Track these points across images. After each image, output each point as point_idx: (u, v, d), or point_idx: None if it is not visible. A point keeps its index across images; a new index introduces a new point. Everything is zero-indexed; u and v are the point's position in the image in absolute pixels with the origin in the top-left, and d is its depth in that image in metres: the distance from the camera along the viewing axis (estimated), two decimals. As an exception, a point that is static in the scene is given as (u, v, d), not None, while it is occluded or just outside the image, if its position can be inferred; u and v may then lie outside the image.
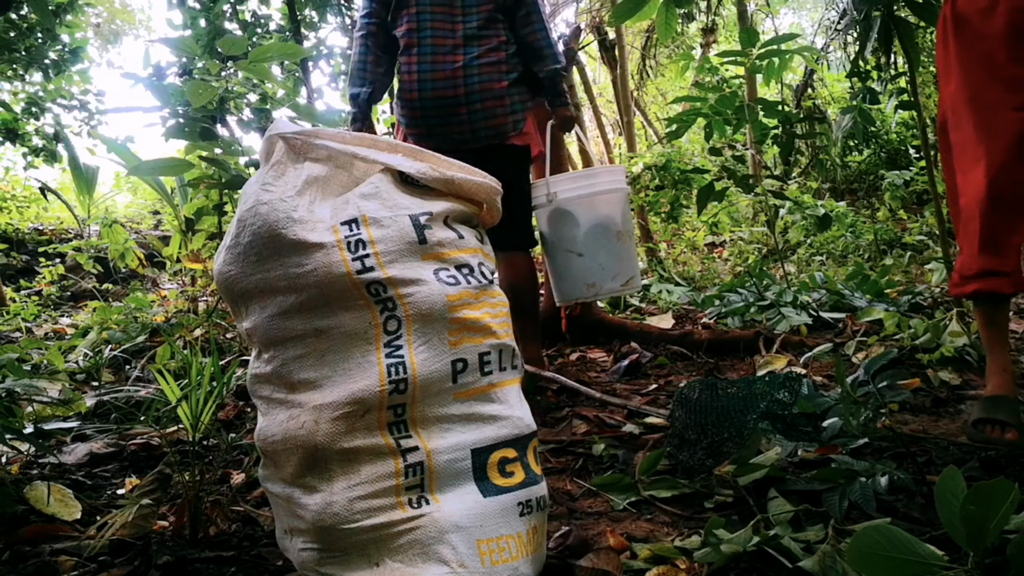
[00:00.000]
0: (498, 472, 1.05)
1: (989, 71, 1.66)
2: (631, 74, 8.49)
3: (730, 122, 3.69)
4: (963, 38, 1.71)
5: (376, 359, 1.01)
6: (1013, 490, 0.88)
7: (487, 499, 1.02)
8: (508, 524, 1.02)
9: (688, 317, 3.81)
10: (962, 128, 1.72)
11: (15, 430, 1.53)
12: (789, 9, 13.34)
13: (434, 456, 1.01)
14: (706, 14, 8.25)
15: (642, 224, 6.02)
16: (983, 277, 1.70)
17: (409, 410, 1.02)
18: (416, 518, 0.99)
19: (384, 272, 1.03)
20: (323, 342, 1.04)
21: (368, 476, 1.00)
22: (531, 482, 1.07)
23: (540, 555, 1.08)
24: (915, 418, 1.94)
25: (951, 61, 1.74)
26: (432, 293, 1.05)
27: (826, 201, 5.51)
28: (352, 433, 1.00)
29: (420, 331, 1.04)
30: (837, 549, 1.05)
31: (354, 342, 1.03)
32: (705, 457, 1.53)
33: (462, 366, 1.06)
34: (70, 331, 4.12)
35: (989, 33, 1.65)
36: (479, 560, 0.98)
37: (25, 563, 1.27)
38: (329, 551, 1.00)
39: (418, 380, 1.01)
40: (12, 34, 4.65)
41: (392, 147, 1.16)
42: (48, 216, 7.97)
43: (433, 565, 0.96)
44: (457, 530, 0.98)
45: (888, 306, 3.08)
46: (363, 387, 1.00)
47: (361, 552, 0.99)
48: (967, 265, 1.74)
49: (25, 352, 2.91)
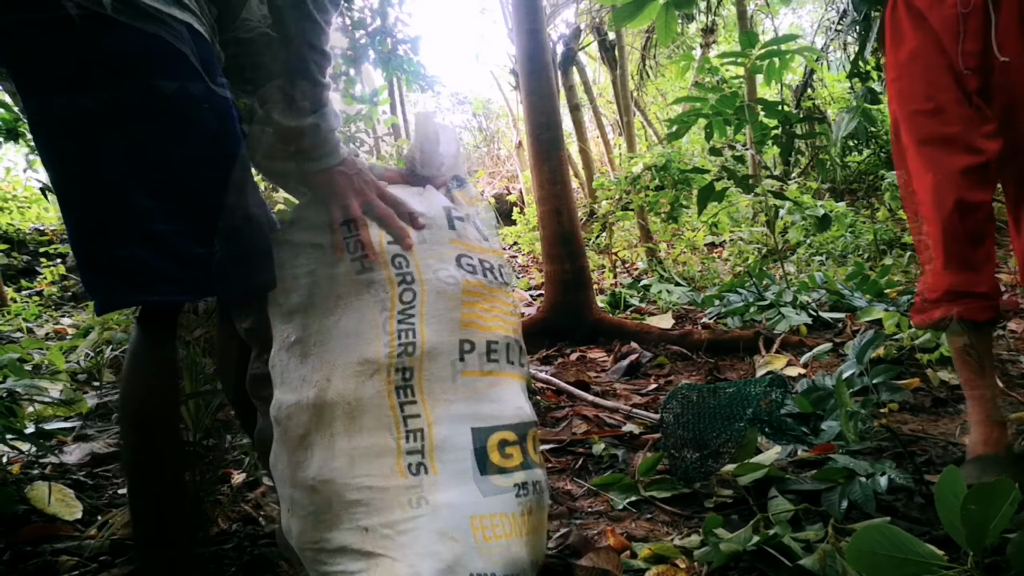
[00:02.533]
0: (497, 452, 1.07)
1: (939, 69, 1.42)
2: (631, 74, 8.50)
3: (730, 122, 3.69)
4: (913, 32, 1.46)
5: (390, 326, 1.06)
6: (1013, 490, 0.88)
7: (483, 476, 1.04)
8: (503, 503, 1.04)
9: (688, 317, 3.81)
10: (915, 129, 1.47)
11: (16, 430, 1.54)
12: (789, 9, 13.35)
13: (435, 427, 1.04)
14: (706, 14, 8.26)
15: (642, 224, 6.02)
16: (952, 300, 1.40)
17: (416, 375, 1.05)
18: (413, 487, 1.00)
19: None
20: (341, 308, 1.09)
21: (371, 436, 1.02)
22: (528, 466, 1.08)
23: (537, 541, 1.08)
24: (915, 418, 1.94)
25: (901, 57, 1.50)
26: (450, 275, 1.10)
27: (826, 201, 5.51)
28: (360, 392, 1.03)
29: (432, 305, 1.08)
30: (837, 548, 1.06)
31: (371, 309, 1.08)
32: (703, 462, 1.53)
33: (469, 347, 1.09)
34: (71, 331, 4.12)
35: (939, 26, 1.41)
36: (471, 535, 0.99)
37: (26, 563, 1.27)
38: (322, 512, 1.02)
39: (426, 347, 1.05)
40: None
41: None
42: (49, 216, 7.97)
43: (424, 535, 0.97)
44: (451, 504, 1.00)
45: (888, 306, 3.08)
46: (374, 348, 1.04)
47: (351, 516, 1.00)
48: (932, 285, 1.43)
49: (26, 352, 2.92)
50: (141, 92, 0.87)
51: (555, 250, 3.58)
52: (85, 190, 0.88)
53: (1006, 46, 1.34)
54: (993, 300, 1.39)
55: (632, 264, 6.71)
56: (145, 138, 0.88)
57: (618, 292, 4.49)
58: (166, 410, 0.98)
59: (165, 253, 0.90)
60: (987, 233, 1.40)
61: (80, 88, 0.85)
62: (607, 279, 6.03)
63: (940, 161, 1.41)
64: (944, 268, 1.40)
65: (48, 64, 0.85)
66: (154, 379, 0.96)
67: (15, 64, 0.88)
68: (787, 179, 6.32)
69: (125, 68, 0.86)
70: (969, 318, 1.39)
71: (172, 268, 0.90)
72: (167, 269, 0.90)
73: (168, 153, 0.90)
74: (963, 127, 1.39)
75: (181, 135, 0.91)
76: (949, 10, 1.38)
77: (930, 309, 1.43)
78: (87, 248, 0.91)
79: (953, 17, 1.38)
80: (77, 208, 0.89)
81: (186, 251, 0.91)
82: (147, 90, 0.87)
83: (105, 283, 0.91)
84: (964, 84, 1.39)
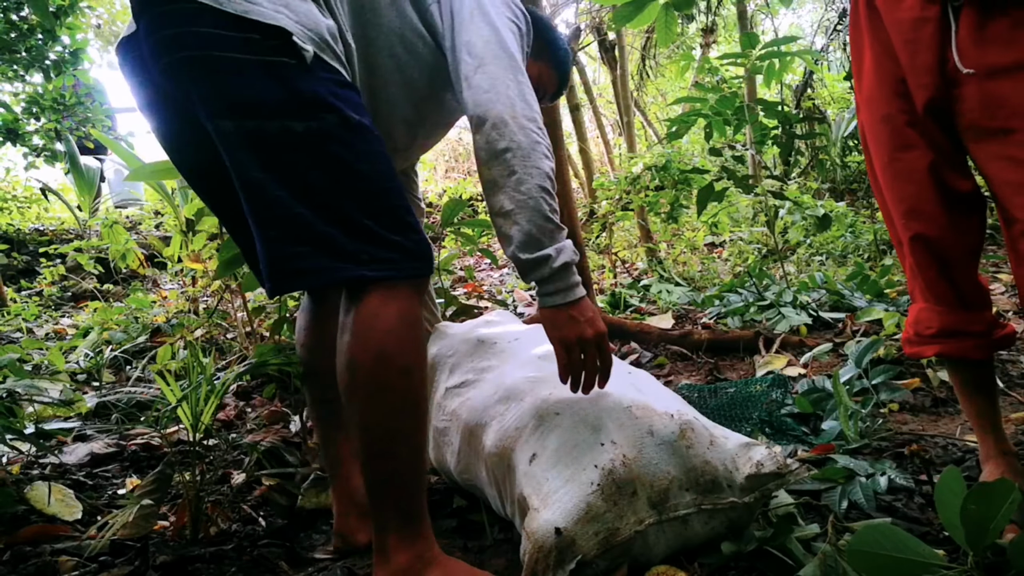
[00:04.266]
0: None
1: (893, 80, 1.24)
2: (631, 74, 8.50)
3: (730, 122, 3.69)
4: (872, 36, 1.28)
5: None
6: (1013, 490, 0.88)
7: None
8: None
9: (688, 317, 3.81)
10: (878, 144, 1.31)
11: (16, 430, 1.54)
12: (789, 9, 13.34)
13: None
14: (706, 15, 8.26)
15: (642, 224, 6.02)
16: (946, 338, 1.30)
17: None
18: None
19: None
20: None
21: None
22: None
23: None
24: (915, 418, 1.94)
25: (864, 63, 1.32)
26: None
27: (826, 201, 5.51)
28: None
29: None
30: (837, 548, 1.06)
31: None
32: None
33: None
34: (71, 331, 4.12)
35: (893, 31, 1.23)
36: None
37: (26, 563, 1.27)
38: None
39: None
40: (13, 35, 4.65)
41: None
42: (49, 217, 7.97)
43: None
44: None
45: (888, 306, 3.08)
46: None
47: None
48: (923, 320, 1.32)
49: (26, 352, 2.92)
50: (337, 121, 1.09)
51: (555, 250, 3.56)
52: (293, 193, 1.07)
53: (967, 59, 1.13)
54: (988, 337, 1.28)
55: (632, 264, 6.71)
56: (342, 155, 1.09)
57: (618, 292, 4.49)
58: (423, 356, 1.18)
59: (367, 240, 1.10)
60: (964, 264, 1.26)
61: (291, 116, 1.06)
62: (607, 279, 6.03)
63: (901, 188, 1.26)
64: (937, 302, 1.29)
65: (262, 95, 1.05)
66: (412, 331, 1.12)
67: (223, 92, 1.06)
68: (787, 179, 6.32)
69: (322, 103, 1.08)
70: (965, 356, 1.30)
71: (372, 250, 1.09)
72: (371, 251, 1.10)
73: (359, 164, 1.11)
74: (921, 151, 1.22)
75: (366, 151, 1.12)
76: (905, 13, 1.20)
77: (923, 344, 1.33)
78: (292, 235, 1.07)
79: (908, 22, 1.19)
80: (282, 208, 1.07)
81: (384, 237, 1.11)
82: (342, 120, 1.09)
83: (314, 263, 1.07)
84: (914, 100, 1.21)
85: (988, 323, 1.28)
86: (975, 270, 1.28)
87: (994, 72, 1.10)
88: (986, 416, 1.33)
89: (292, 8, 1.11)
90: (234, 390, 2.44)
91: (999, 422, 1.34)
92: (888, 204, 1.32)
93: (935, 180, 1.22)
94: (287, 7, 1.10)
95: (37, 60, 4.89)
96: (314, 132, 1.07)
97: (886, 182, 1.30)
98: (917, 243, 1.26)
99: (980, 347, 1.28)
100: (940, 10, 1.15)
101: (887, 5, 1.23)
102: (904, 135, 1.24)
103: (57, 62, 4.99)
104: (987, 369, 1.34)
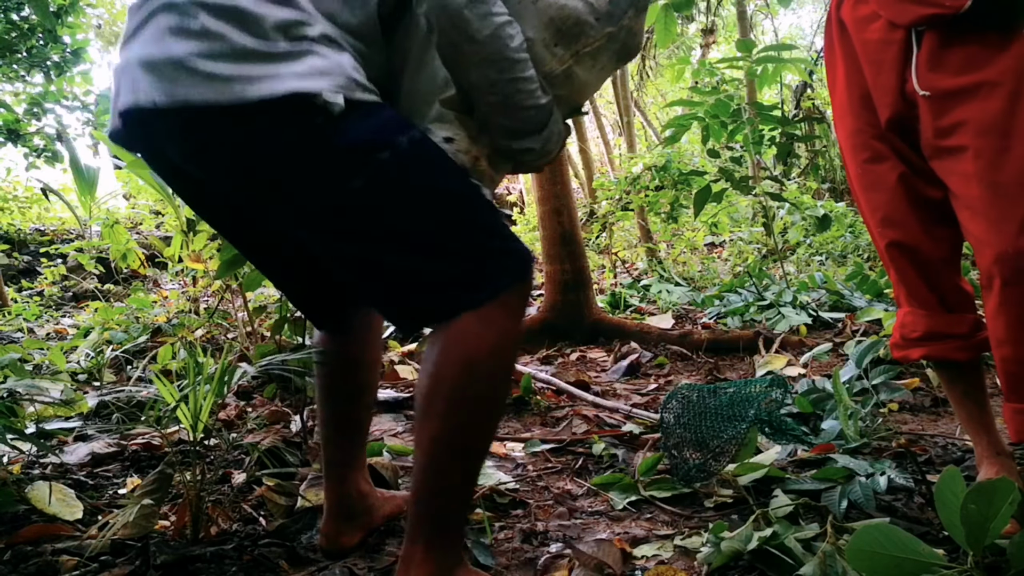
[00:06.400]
0: None
1: (860, 96, 1.31)
2: (631, 75, 8.50)
3: (727, 126, 3.69)
4: (843, 52, 1.34)
5: None
6: (1013, 490, 0.88)
7: None
8: None
9: (688, 317, 3.81)
10: (852, 157, 1.36)
11: (17, 430, 1.54)
12: (789, 10, 13.35)
13: None
14: (706, 15, 8.26)
15: (642, 224, 6.03)
16: (931, 341, 1.32)
17: None
18: None
19: None
20: None
21: None
22: None
23: None
24: (915, 418, 1.94)
25: (836, 77, 1.37)
26: None
27: (825, 201, 5.51)
28: None
29: None
30: (837, 548, 1.06)
31: None
32: (703, 462, 1.53)
33: None
34: (72, 331, 4.12)
35: (860, 50, 1.29)
36: None
37: (27, 562, 1.27)
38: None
39: None
40: (13, 35, 4.66)
41: None
42: (50, 217, 7.98)
43: None
44: None
45: (888, 306, 3.09)
46: None
47: None
48: (908, 324, 1.36)
49: (27, 352, 2.92)
50: (390, 155, 1.00)
51: (555, 250, 3.58)
52: (389, 249, 1.02)
53: (924, 81, 1.19)
54: (972, 339, 1.29)
55: (632, 264, 6.71)
56: (413, 181, 1.02)
57: (618, 292, 4.49)
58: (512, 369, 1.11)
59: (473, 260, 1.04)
60: (943, 269, 1.29)
61: (348, 176, 0.99)
62: (607, 279, 6.03)
63: (874, 197, 1.32)
64: (921, 305, 1.32)
65: (314, 188, 0.99)
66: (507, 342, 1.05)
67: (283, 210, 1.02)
68: (787, 180, 6.32)
69: (369, 145, 0.99)
70: (950, 358, 1.32)
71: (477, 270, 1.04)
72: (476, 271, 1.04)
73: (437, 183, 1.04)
74: (891, 163, 1.28)
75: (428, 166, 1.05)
76: (872, 35, 1.26)
77: (909, 347, 1.36)
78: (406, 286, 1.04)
79: (874, 43, 1.26)
80: (386, 272, 1.03)
81: (463, 265, 1.04)
82: (394, 151, 1.01)
83: (435, 297, 1.03)
84: (879, 116, 1.27)
85: (971, 325, 1.30)
86: (956, 274, 1.31)
87: (947, 95, 1.18)
88: (978, 418, 1.34)
89: (308, 64, 0.99)
90: (235, 390, 2.44)
91: (992, 423, 1.34)
92: (864, 212, 1.37)
93: (906, 189, 1.27)
94: (303, 63, 0.99)
95: (38, 60, 4.90)
96: (378, 177, 1.00)
97: (860, 191, 1.35)
98: (893, 250, 1.31)
99: (964, 348, 1.30)
100: (904, 34, 1.22)
101: (856, 25, 1.29)
102: (874, 147, 1.30)
103: (58, 62, 5.00)
104: (975, 371, 1.35)
